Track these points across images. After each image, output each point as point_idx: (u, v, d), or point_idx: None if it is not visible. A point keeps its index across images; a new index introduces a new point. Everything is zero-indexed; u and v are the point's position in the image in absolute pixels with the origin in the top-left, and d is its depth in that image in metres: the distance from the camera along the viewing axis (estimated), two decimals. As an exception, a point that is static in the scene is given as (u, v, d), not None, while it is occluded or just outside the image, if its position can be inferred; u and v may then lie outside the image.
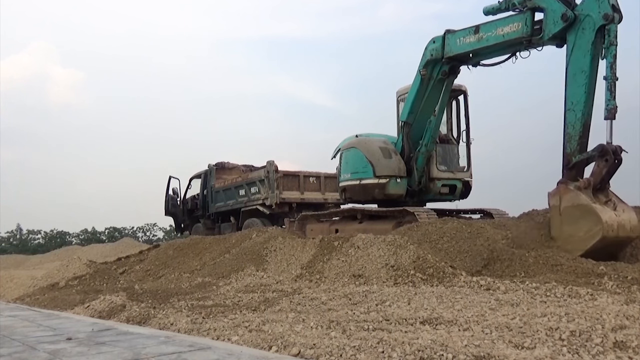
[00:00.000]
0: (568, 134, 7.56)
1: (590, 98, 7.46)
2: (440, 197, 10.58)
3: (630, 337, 3.46)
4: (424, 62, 9.56)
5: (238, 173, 17.85)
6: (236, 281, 8.13)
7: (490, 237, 7.41)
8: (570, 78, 7.53)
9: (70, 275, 10.87)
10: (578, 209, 7.04)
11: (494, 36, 8.40)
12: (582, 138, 7.48)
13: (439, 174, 10.32)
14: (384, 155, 10.25)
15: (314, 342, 3.73)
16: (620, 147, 7.19)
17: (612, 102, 7.06)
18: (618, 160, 7.21)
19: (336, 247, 8.10)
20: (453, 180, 10.52)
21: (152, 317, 5.61)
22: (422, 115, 9.97)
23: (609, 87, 7.09)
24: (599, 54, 7.32)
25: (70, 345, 4.26)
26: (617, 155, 7.16)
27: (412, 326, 4.22)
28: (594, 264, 6.58)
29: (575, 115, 7.49)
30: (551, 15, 7.70)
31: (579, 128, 7.46)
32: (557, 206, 7.26)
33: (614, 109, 7.06)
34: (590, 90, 7.43)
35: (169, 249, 11.61)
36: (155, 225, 46.77)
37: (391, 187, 10.11)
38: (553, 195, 7.35)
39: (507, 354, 3.17)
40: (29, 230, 45.78)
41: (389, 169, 10.14)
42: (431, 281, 6.42)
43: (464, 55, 9.14)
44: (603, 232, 6.83)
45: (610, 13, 7.12)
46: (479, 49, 8.79)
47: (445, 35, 9.19)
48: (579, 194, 7.09)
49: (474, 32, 8.70)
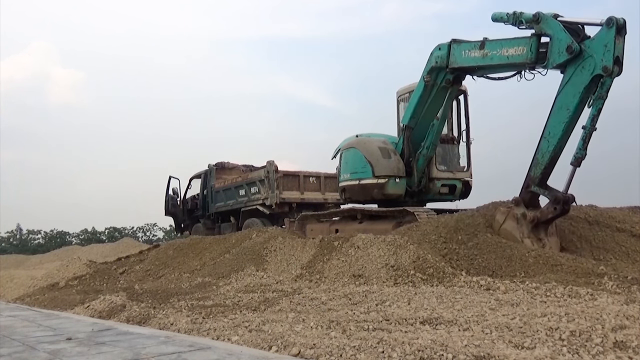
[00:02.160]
0: (536, 159, 7.80)
1: (565, 136, 7.63)
2: (440, 197, 10.58)
3: (630, 337, 3.46)
4: (429, 69, 9.44)
5: (238, 173, 17.85)
6: (236, 281, 8.13)
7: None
8: (555, 109, 7.63)
9: (70, 275, 10.87)
10: (512, 235, 7.56)
11: (499, 56, 8.31)
12: (547, 169, 7.74)
13: (439, 173, 10.32)
14: (383, 156, 10.24)
15: (314, 342, 3.73)
16: (573, 198, 7.57)
17: (582, 152, 7.30)
18: (566, 210, 7.56)
19: (336, 247, 8.09)
20: (453, 180, 10.52)
21: (152, 317, 5.61)
22: (424, 120, 9.94)
23: (584, 137, 7.28)
24: (588, 99, 7.34)
25: (70, 345, 4.26)
26: (566, 206, 7.48)
27: (412, 326, 4.22)
28: (594, 264, 6.58)
29: (547, 146, 7.69)
30: (557, 44, 7.55)
31: (547, 159, 7.69)
32: (499, 223, 7.78)
33: (581, 158, 7.32)
34: (568, 129, 7.58)
35: (169, 249, 11.61)
36: (155, 225, 46.83)
37: (390, 187, 10.11)
38: (501, 214, 7.81)
39: (507, 354, 3.17)
40: (29, 230, 45.84)
41: (388, 169, 10.12)
42: (431, 281, 6.42)
43: (468, 68, 9.06)
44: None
45: (610, 67, 6.99)
46: (483, 65, 8.72)
47: (451, 44, 9.07)
48: (517, 227, 7.59)
49: (480, 47, 8.57)
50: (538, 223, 7.63)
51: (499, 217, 7.79)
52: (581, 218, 8.30)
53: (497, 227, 7.77)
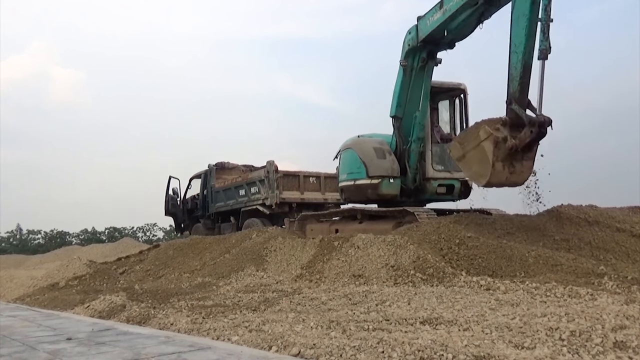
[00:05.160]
0: (511, 75, 7.88)
1: (531, 40, 7.72)
2: (437, 197, 10.51)
3: (630, 337, 3.46)
4: (404, 54, 9.94)
5: (238, 173, 17.84)
6: (236, 281, 8.14)
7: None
8: (514, 21, 7.83)
9: (70, 275, 10.87)
10: (485, 155, 7.69)
11: (455, 3, 8.75)
12: (523, 78, 7.77)
13: (435, 173, 10.27)
14: (377, 156, 10.32)
15: (314, 342, 3.73)
16: (550, 121, 7.58)
17: (545, 43, 7.42)
18: (543, 133, 7.61)
19: (336, 247, 8.09)
20: (450, 180, 10.43)
21: (152, 317, 5.61)
22: (409, 107, 10.14)
23: (543, 28, 7.47)
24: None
25: (70, 345, 4.26)
26: (542, 128, 7.55)
27: (412, 326, 4.21)
28: (594, 264, 6.57)
29: (517, 57, 7.79)
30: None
31: (520, 69, 7.75)
32: (479, 140, 7.81)
33: (545, 49, 7.43)
34: (531, 33, 7.69)
35: (169, 249, 11.61)
36: (155, 225, 46.87)
37: (384, 187, 10.17)
38: (484, 132, 7.80)
39: (507, 354, 3.17)
40: (29, 230, 45.88)
41: (382, 169, 10.19)
42: (431, 281, 6.42)
43: (437, 35, 9.44)
44: (484, 185, 8.05)
45: None
46: (446, 20, 9.06)
47: (418, 22, 9.63)
48: (493, 150, 7.61)
49: (439, 7, 9.10)
50: (516, 150, 7.66)
51: (481, 134, 7.79)
52: (581, 218, 8.30)
53: (475, 143, 7.84)
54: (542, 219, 8.52)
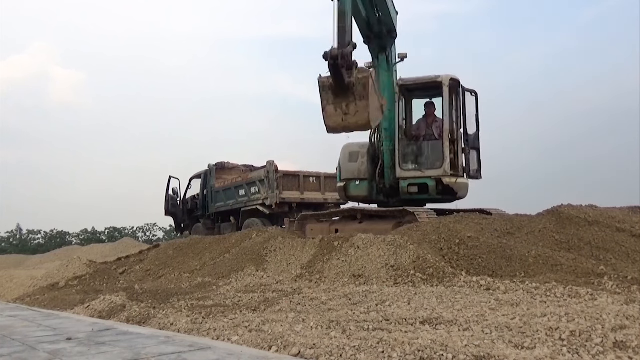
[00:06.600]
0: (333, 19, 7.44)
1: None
2: (411, 197, 10.20)
3: (630, 337, 3.46)
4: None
5: (238, 173, 17.86)
6: (236, 281, 8.13)
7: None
8: None
9: (70, 275, 10.88)
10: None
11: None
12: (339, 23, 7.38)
13: (403, 173, 10.16)
14: (350, 159, 10.73)
15: (314, 342, 3.73)
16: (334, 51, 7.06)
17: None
18: (330, 65, 7.06)
19: (336, 247, 8.09)
20: (422, 179, 10.06)
21: (152, 317, 5.61)
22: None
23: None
24: None
25: (70, 345, 4.26)
26: (334, 60, 7.00)
27: (412, 326, 4.22)
28: (594, 264, 6.57)
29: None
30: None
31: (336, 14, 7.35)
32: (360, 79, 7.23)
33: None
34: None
35: (169, 249, 11.60)
36: (155, 225, 46.96)
37: (351, 190, 10.70)
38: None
39: (507, 354, 3.17)
40: (29, 230, 45.96)
41: (349, 172, 10.66)
42: (431, 281, 6.42)
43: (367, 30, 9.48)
44: (327, 131, 7.76)
45: None
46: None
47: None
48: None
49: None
50: (335, 89, 7.31)
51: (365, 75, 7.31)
52: (581, 218, 8.29)
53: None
54: (542, 219, 8.52)
